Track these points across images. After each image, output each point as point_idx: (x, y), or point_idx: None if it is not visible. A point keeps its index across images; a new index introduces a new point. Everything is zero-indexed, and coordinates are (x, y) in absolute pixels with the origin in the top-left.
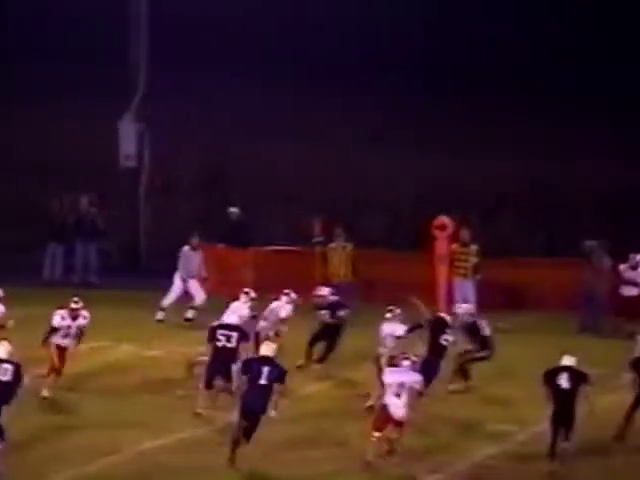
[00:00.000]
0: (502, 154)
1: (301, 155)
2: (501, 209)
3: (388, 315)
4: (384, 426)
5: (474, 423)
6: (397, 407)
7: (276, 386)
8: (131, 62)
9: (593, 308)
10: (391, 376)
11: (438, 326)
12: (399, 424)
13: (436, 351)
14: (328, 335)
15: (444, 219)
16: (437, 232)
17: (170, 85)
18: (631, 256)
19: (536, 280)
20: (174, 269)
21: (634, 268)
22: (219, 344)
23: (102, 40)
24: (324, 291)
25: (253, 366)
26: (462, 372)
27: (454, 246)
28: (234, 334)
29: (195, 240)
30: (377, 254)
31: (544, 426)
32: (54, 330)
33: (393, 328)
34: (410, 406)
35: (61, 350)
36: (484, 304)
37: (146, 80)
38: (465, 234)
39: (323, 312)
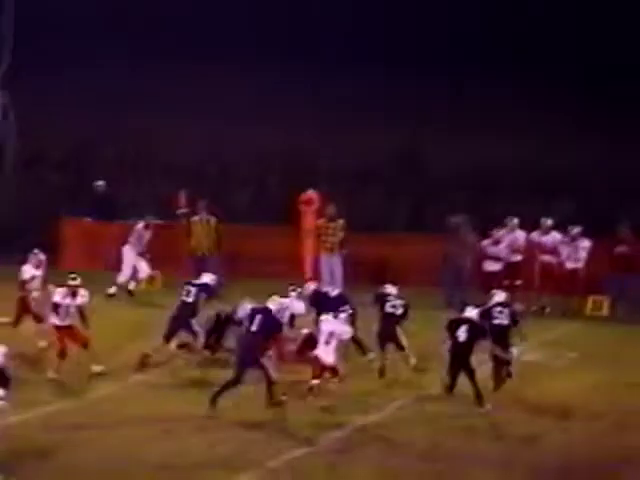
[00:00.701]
0: (373, 128)
1: (173, 127)
2: (369, 184)
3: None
4: (320, 373)
5: (340, 396)
6: (326, 353)
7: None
8: None
9: (459, 283)
10: (324, 325)
11: (380, 298)
12: (329, 369)
13: (386, 320)
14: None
15: (311, 193)
16: (304, 206)
17: (39, 56)
18: (493, 231)
19: (403, 255)
20: (42, 242)
21: (496, 243)
22: (181, 298)
23: None
24: None
25: (251, 314)
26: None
27: (320, 221)
28: (193, 289)
29: (150, 218)
30: (242, 228)
31: (405, 400)
32: (55, 306)
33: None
34: (338, 354)
35: (61, 330)
36: (351, 278)
37: (12, 50)
38: (331, 209)
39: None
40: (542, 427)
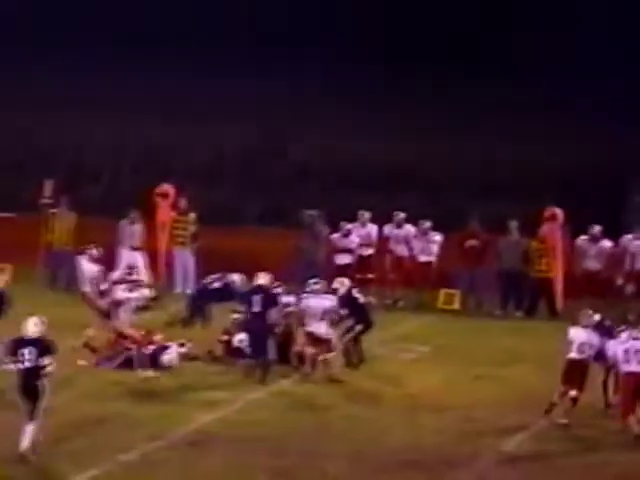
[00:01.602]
0: (228, 118)
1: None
2: (222, 176)
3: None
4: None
5: (190, 391)
6: (319, 328)
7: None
8: None
9: (311, 276)
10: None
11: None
12: (325, 341)
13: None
14: None
15: (168, 187)
16: (160, 199)
17: None
18: (342, 225)
19: (256, 248)
20: None
21: (346, 236)
22: None
23: None
24: None
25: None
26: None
27: (172, 214)
28: None
29: (133, 214)
30: (95, 221)
31: (257, 394)
32: None
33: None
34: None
35: None
36: (204, 272)
37: None
38: (183, 202)
39: None
40: (391, 421)
